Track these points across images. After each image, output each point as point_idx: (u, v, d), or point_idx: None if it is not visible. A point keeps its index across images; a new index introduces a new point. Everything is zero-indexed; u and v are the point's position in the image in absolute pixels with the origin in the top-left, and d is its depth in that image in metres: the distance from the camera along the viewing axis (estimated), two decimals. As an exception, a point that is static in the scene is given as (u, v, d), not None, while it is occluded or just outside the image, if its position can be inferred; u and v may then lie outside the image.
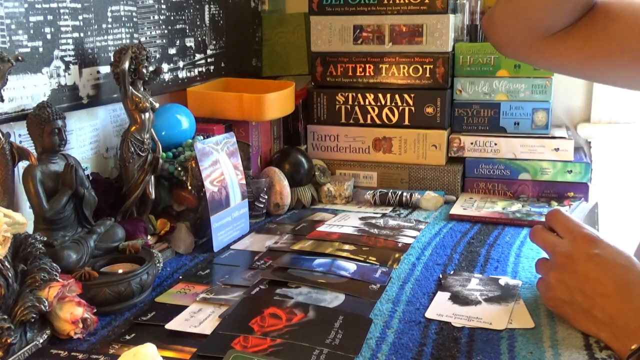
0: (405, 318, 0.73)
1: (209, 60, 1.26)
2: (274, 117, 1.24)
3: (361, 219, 1.09)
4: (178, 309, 0.76)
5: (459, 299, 0.78)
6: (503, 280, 0.83)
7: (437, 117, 1.27)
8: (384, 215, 1.13)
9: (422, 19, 1.24)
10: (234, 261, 0.92)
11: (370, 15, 1.27)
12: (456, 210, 1.14)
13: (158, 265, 0.82)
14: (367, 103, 1.31)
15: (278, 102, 1.18)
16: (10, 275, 0.64)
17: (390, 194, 1.20)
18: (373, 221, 1.07)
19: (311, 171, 1.22)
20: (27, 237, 0.67)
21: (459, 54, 1.28)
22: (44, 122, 0.77)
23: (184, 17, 1.17)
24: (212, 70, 1.28)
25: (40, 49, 0.85)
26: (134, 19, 1.03)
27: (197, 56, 1.22)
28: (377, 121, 1.31)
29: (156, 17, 1.09)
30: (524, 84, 1.25)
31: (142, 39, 1.05)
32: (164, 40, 1.12)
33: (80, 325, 0.69)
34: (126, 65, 0.88)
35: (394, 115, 1.30)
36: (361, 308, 0.76)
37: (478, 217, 1.10)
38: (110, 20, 0.98)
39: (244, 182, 1.04)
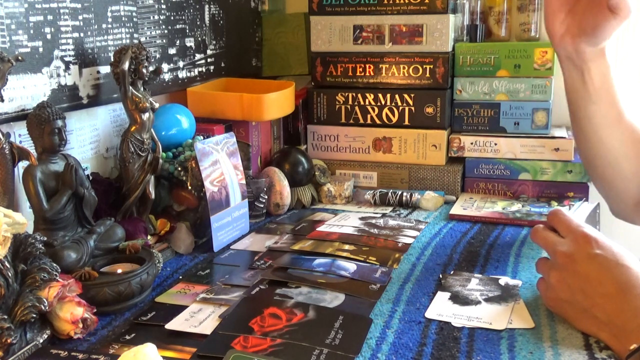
0: (405, 318, 0.73)
1: (209, 60, 1.26)
2: (274, 117, 1.24)
3: (361, 219, 1.09)
4: (178, 309, 0.76)
5: (459, 299, 0.78)
6: (503, 280, 0.83)
7: (437, 117, 1.27)
8: (384, 215, 1.13)
9: (422, 19, 1.24)
10: (234, 261, 0.92)
11: (370, 15, 1.27)
12: (456, 210, 1.14)
13: (158, 265, 0.82)
14: (367, 103, 1.31)
15: (278, 102, 1.18)
16: (10, 275, 0.64)
17: (390, 194, 1.20)
18: (373, 221, 1.07)
19: (311, 171, 1.22)
20: (27, 237, 0.67)
21: (459, 54, 1.28)
22: (44, 122, 0.77)
23: (184, 17, 1.17)
24: (212, 70, 1.28)
25: (40, 49, 0.85)
26: (134, 19, 1.03)
27: (197, 56, 1.22)
28: (377, 121, 1.31)
29: (156, 17, 1.09)
30: (524, 84, 1.25)
31: (142, 39, 1.05)
32: (164, 40, 1.12)
33: (80, 325, 0.69)
34: (126, 65, 0.88)
35: (394, 115, 1.30)
36: (361, 308, 0.76)
37: (478, 217, 1.10)
38: (110, 20, 0.98)
39: (244, 182, 1.04)
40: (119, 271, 0.78)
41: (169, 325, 0.72)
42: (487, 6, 1.35)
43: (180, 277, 0.87)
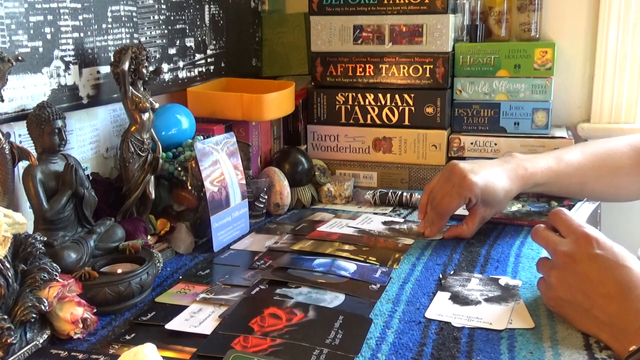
0: (405, 318, 0.73)
1: (209, 60, 1.26)
2: (274, 117, 1.24)
3: (384, 223, 1.07)
4: (178, 309, 0.76)
5: (459, 299, 0.78)
6: (503, 280, 0.83)
7: (437, 117, 1.27)
8: (406, 220, 1.10)
9: (422, 19, 1.24)
10: (234, 261, 0.92)
11: (370, 15, 1.27)
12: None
13: (158, 265, 0.82)
14: (367, 103, 1.31)
15: (278, 102, 1.18)
16: (10, 275, 0.64)
17: (390, 194, 1.20)
18: (397, 227, 1.05)
19: (311, 171, 1.22)
20: (27, 237, 0.67)
21: (459, 54, 1.28)
22: (44, 122, 0.77)
23: (184, 17, 1.17)
24: (212, 70, 1.28)
25: (40, 49, 0.85)
26: (134, 19, 1.03)
27: (197, 56, 1.22)
28: (377, 121, 1.31)
29: (156, 17, 1.09)
30: (524, 84, 1.25)
31: (142, 39, 1.05)
32: (164, 40, 1.12)
33: (80, 325, 0.69)
34: (126, 65, 0.88)
35: (394, 115, 1.30)
36: (361, 308, 0.76)
37: (478, 217, 1.10)
38: (110, 20, 0.98)
39: (244, 182, 1.04)
40: (119, 271, 0.78)
41: (169, 325, 0.72)
42: (487, 6, 1.35)
43: (180, 277, 0.87)
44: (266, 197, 1.12)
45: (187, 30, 1.18)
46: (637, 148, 1.01)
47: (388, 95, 1.29)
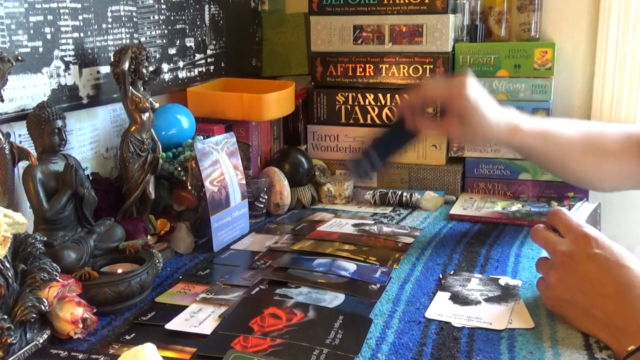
0: (405, 318, 0.73)
1: (209, 60, 1.26)
2: (274, 117, 1.24)
3: (354, 225, 1.06)
4: (178, 309, 0.76)
5: (459, 299, 0.78)
6: (503, 280, 0.83)
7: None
8: (376, 222, 1.08)
9: (422, 19, 1.24)
10: (234, 261, 0.92)
11: (370, 15, 1.27)
12: (456, 210, 1.14)
13: (158, 265, 0.82)
14: (367, 103, 1.31)
15: (278, 102, 1.18)
16: (10, 275, 0.64)
17: (390, 194, 1.20)
18: (367, 227, 1.04)
19: (311, 171, 1.22)
20: (27, 237, 0.67)
21: (459, 54, 1.28)
22: (44, 122, 0.77)
23: (184, 17, 1.17)
24: (212, 70, 1.28)
25: (40, 49, 0.85)
26: (134, 19, 1.03)
27: (197, 56, 1.22)
28: (377, 121, 1.31)
29: (156, 17, 1.09)
30: (524, 84, 1.25)
31: (142, 39, 1.05)
32: (164, 40, 1.12)
33: (80, 325, 0.69)
34: (126, 65, 0.88)
35: (394, 116, 1.30)
36: (361, 308, 0.76)
37: (478, 217, 1.10)
38: (110, 20, 0.98)
39: (244, 182, 1.04)
40: (119, 271, 0.78)
41: (169, 325, 0.72)
42: (487, 6, 1.35)
43: (180, 277, 0.87)
44: (266, 197, 1.12)
45: (187, 30, 1.18)
46: (631, 135, 0.98)
47: (388, 95, 1.29)
